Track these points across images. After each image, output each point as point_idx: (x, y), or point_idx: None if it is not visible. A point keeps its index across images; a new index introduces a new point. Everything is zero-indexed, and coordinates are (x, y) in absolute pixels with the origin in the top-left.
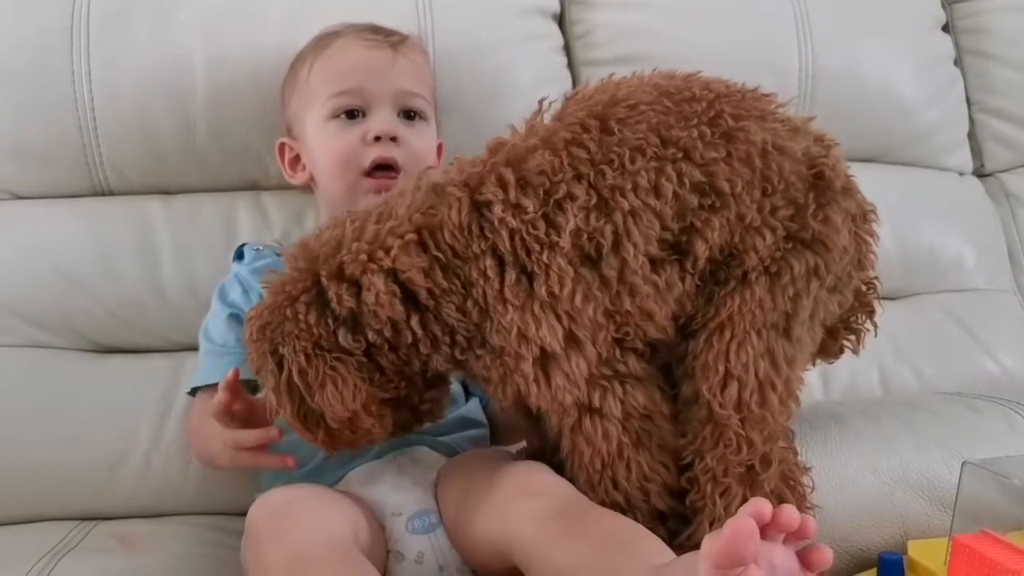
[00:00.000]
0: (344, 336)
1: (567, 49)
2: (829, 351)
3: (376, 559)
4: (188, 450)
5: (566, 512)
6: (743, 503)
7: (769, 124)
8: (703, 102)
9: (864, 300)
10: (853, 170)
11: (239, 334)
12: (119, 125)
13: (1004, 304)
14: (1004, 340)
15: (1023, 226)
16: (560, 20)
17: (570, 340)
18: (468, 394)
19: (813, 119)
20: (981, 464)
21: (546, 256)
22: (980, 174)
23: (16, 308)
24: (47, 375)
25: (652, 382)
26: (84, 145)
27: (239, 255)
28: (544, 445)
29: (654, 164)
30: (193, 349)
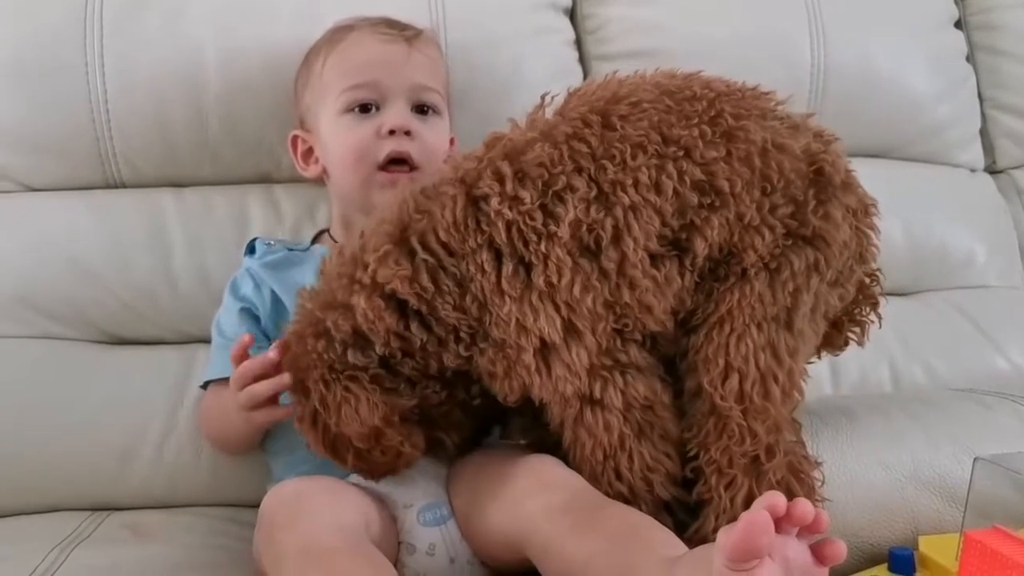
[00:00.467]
0: (354, 355)
1: (578, 43)
2: (834, 343)
3: (387, 551)
4: (200, 441)
5: (579, 505)
6: (749, 494)
7: (769, 122)
8: (704, 101)
9: (868, 292)
10: (864, 165)
11: (251, 328)
12: (132, 118)
13: (1015, 301)
14: (1015, 337)
15: None
16: (572, 14)
17: (569, 330)
18: None
19: (813, 115)
20: (993, 460)
21: (544, 246)
22: (992, 170)
23: (29, 299)
24: (59, 366)
25: (653, 372)
26: (97, 138)
27: (251, 249)
28: (546, 444)
29: (655, 161)
30: (204, 341)
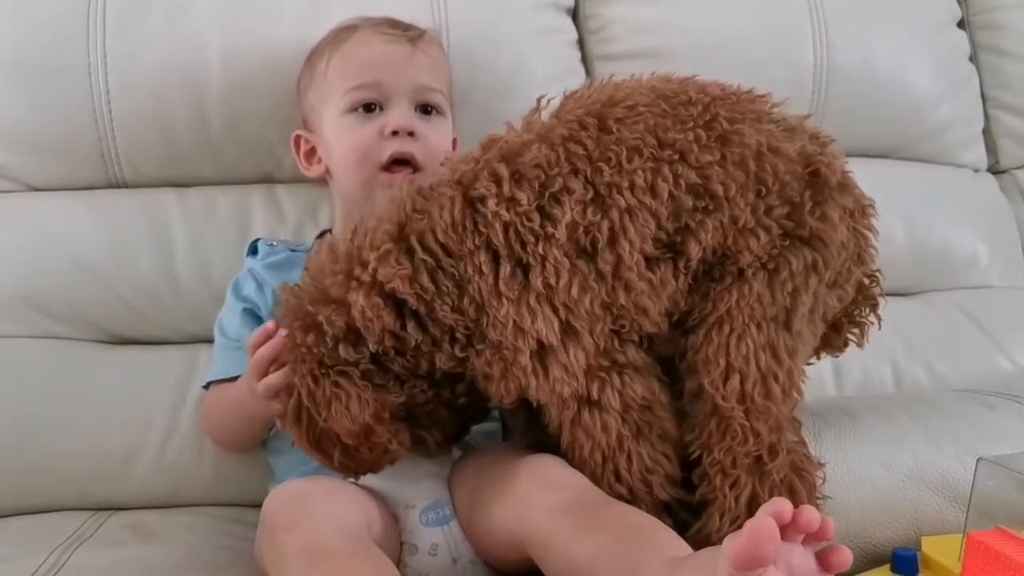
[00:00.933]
0: (345, 350)
1: (581, 44)
2: (834, 345)
3: (389, 551)
4: (202, 441)
5: (582, 505)
6: (753, 493)
7: (764, 126)
8: (699, 105)
9: (867, 294)
10: (867, 166)
11: (253, 328)
12: (134, 117)
13: (1018, 301)
14: (1018, 337)
15: None
16: (574, 14)
17: (567, 331)
18: None
19: (809, 117)
20: (996, 460)
21: (541, 247)
22: (995, 171)
23: (31, 299)
24: (61, 366)
25: (650, 372)
26: (100, 137)
27: (253, 250)
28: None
29: (651, 164)
30: (206, 341)
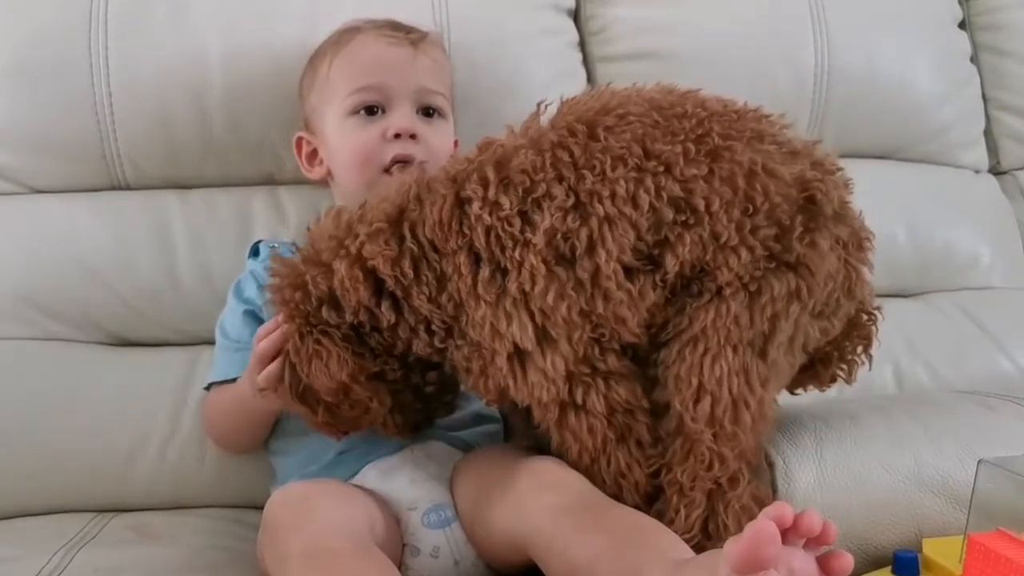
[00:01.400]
0: (328, 312)
1: (582, 45)
2: (821, 379)
3: (391, 553)
4: (204, 443)
5: (583, 506)
6: (709, 514)
7: (764, 146)
8: (693, 119)
9: (862, 331)
10: (868, 167)
11: (254, 330)
12: (137, 119)
13: (1019, 302)
14: (1019, 338)
15: None
16: (575, 15)
17: (543, 338)
18: None
19: (819, 143)
20: (997, 462)
21: (519, 253)
22: (996, 171)
23: (33, 300)
24: (64, 367)
25: (634, 378)
26: (102, 139)
27: (254, 252)
28: (544, 446)
29: (634, 175)
30: (208, 342)
